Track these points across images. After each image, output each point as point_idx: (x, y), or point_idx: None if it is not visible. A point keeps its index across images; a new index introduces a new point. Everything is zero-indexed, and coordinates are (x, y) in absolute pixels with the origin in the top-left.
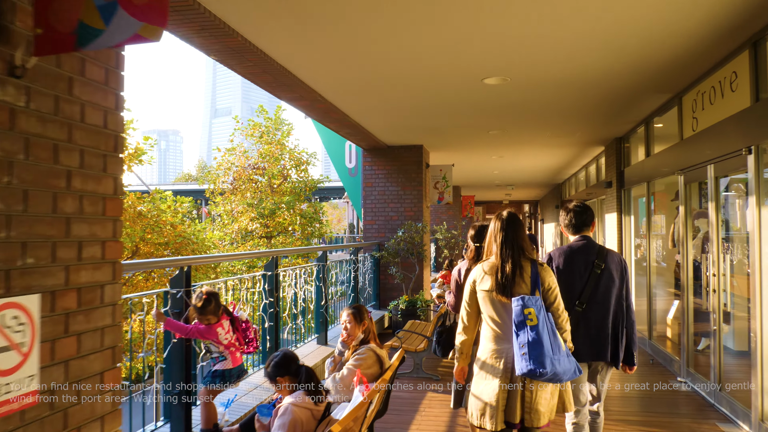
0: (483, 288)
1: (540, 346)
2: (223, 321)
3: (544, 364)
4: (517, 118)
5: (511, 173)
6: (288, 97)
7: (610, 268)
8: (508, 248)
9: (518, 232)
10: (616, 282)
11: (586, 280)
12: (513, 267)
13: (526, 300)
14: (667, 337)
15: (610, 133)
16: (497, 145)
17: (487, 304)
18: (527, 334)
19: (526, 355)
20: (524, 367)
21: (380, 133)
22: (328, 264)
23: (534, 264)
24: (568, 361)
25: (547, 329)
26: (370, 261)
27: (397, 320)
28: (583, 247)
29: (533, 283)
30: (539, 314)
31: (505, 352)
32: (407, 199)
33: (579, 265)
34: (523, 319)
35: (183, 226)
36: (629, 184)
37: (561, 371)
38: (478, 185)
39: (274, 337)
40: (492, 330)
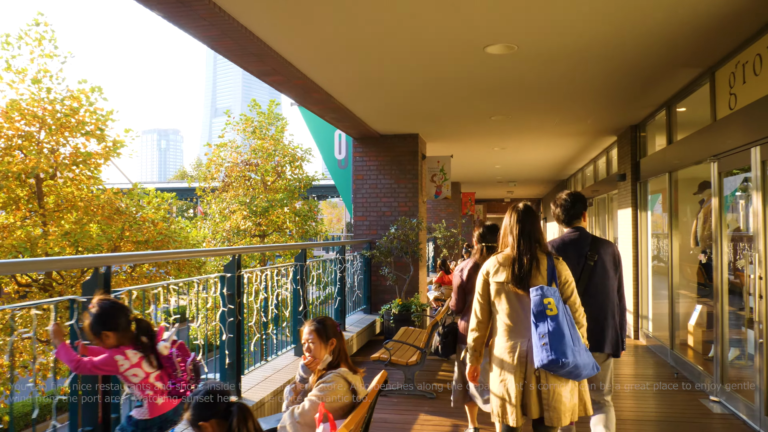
0: (497, 280)
1: (561, 336)
2: (128, 351)
3: (566, 353)
4: (522, 99)
5: (513, 168)
6: (258, 71)
7: (604, 259)
8: (525, 240)
9: (535, 225)
10: (609, 273)
11: (580, 273)
12: (530, 259)
13: (545, 290)
14: (688, 346)
15: (624, 120)
16: (499, 134)
17: (501, 297)
18: (547, 324)
19: (547, 345)
20: (545, 357)
21: (371, 119)
22: (308, 264)
23: (550, 257)
24: (587, 356)
25: (567, 320)
26: (360, 261)
27: (389, 326)
28: (576, 239)
29: (550, 276)
30: (558, 305)
31: (518, 346)
32: (401, 193)
33: (572, 257)
34: (542, 309)
35: (165, 224)
36: (646, 176)
37: (582, 364)
38: (479, 181)
39: (236, 352)
40: (504, 324)
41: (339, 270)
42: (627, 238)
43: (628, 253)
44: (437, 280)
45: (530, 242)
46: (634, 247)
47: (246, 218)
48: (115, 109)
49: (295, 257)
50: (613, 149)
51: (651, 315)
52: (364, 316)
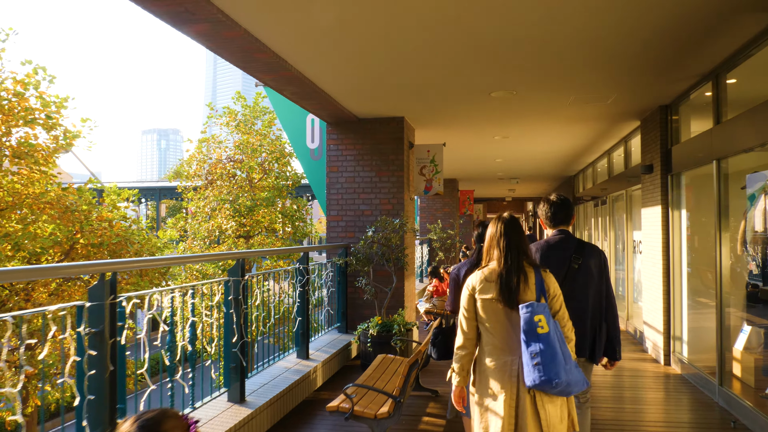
0: (485, 296)
1: (553, 355)
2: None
3: (559, 373)
4: (531, 67)
5: (516, 162)
6: (191, 29)
7: (588, 263)
8: (512, 254)
9: (521, 236)
10: (594, 277)
11: (564, 276)
12: (517, 273)
13: (536, 307)
14: (734, 376)
15: (653, 99)
16: (501, 118)
17: (488, 314)
18: (538, 342)
19: (539, 365)
20: (537, 378)
21: (343, 96)
22: (246, 279)
23: (538, 270)
24: (578, 372)
25: (557, 337)
26: (332, 269)
27: (366, 350)
28: (560, 242)
29: (539, 291)
30: (549, 321)
31: (508, 365)
32: (384, 189)
33: (556, 260)
34: (533, 327)
35: (125, 224)
36: (681, 166)
37: (573, 381)
38: (478, 178)
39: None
40: (492, 342)
41: (299, 284)
42: (654, 241)
43: (656, 260)
44: (430, 290)
45: (518, 255)
46: (665, 252)
47: (229, 218)
48: (70, 96)
49: (229, 271)
50: (633, 138)
51: (686, 335)
52: (338, 337)
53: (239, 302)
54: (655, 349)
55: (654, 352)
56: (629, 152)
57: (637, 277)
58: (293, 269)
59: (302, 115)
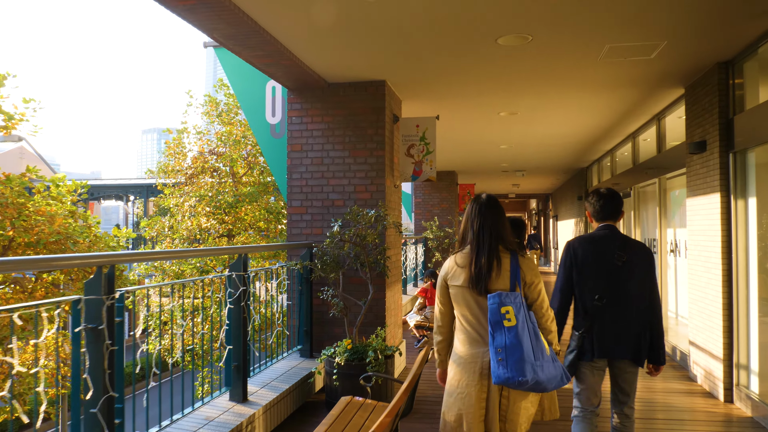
0: (455, 283)
1: (518, 350)
2: None
3: (524, 371)
4: None
5: (523, 149)
6: None
7: (633, 260)
8: (485, 236)
9: (498, 218)
10: (640, 275)
11: (606, 274)
12: (489, 258)
13: (504, 297)
14: None
15: (711, 52)
16: (509, 82)
17: (460, 302)
18: (504, 336)
19: (503, 361)
20: (501, 374)
21: (305, 50)
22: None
23: (514, 255)
24: (553, 367)
25: (528, 331)
26: (287, 277)
27: (331, 385)
28: (605, 237)
29: (513, 278)
30: (518, 314)
31: (480, 357)
32: (360, 173)
33: (600, 256)
34: (499, 319)
35: (69, 220)
36: (748, 142)
37: (545, 379)
38: (479, 170)
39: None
40: (466, 331)
41: (230, 298)
42: (708, 240)
43: (712, 264)
44: (421, 292)
45: (491, 239)
46: (725, 253)
47: (209, 215)
48: (10, 73)
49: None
50: (669, 114)
51: (757, 364)
52: (299, 363)
53: (104, 333)
54: (708, 380)
55: (707, 383)
56: (663, 133)
57: (675, 283)
58: (231, 278)
59: (261, 81)
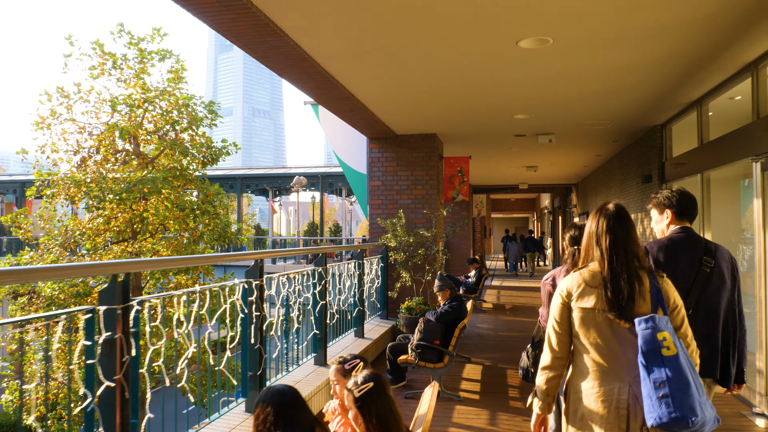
0: (584, 305)
1: (686, 385)
2: None
3: (695, 409)
4: None
5: (560, 88)
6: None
7: (721, 267)
8: (620, 255)
9: (630, 234)
10: (727, 283)
11: (693, 281)
12: (629, 279)
13: (658, 321)
14: None
15: None
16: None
17: (589, 328)
18: (664, 368)
19: (667, 397)
20: (664, 414)
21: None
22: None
23: (653, 275)
24: (709, 406)
25: (687, 362)
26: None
27: None
28: (686, 240)
29: (655, 301)
30: (676, 341)
31: (615, 394)
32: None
33: (684, 261)
34: (655, 347)
35: None
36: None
37: (708, 419)
38: (476, 134)
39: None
40: (595, 363)
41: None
42: None
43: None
44: None
45: (627, 257)
46: None
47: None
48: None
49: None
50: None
51: None
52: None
53: None
54: None
55: None
56: (760, 92)
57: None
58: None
59: None
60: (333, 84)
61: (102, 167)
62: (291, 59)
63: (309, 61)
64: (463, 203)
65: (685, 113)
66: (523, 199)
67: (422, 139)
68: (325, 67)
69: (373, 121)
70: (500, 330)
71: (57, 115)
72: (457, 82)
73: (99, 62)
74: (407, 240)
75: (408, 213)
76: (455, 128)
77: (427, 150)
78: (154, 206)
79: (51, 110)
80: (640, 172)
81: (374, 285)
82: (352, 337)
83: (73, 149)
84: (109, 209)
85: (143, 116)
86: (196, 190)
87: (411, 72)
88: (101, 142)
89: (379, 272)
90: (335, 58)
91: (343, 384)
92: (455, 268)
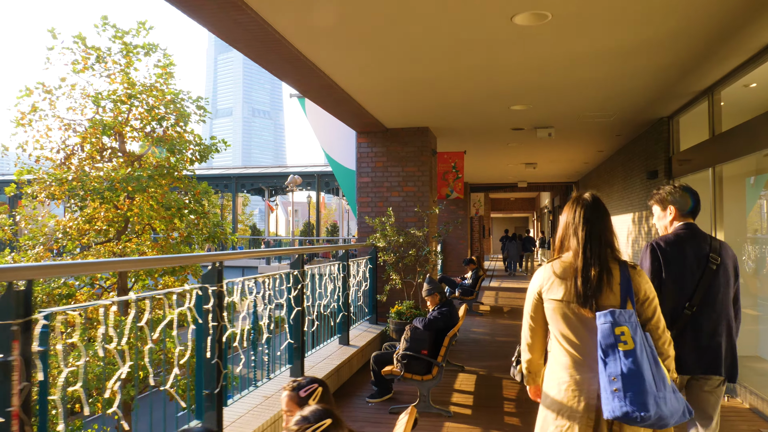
0: (553, 297)
1: (639, 380)
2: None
3: (646, 404)
4: None
5: (559, 76)
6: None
7: (726, 264)
8: (593, 245)
9: (606, 223)
10: (731, 280)
11: (700, 277)
12: (600, 270)
13: (617, 316)
14: None
15: None
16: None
17: (559, 320)
18: (620, 362)
19: (619, 391)
20: (617, 408)
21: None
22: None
23: (624, 266)
24: (675, 399)
25: (647, 356)
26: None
27: None
28: (691, 237)
29: (624, 292)
30: (635, 335)
31: (585, 385)
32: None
33: (691, 257)
34: (613, 342)
35: None
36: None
37: (667, 413)
38: (472, 127)
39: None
40: (566, 354)
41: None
42: None
43: None
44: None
45: (600, 247)
46: None
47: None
48: None
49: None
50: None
51: None
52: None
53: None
54: None
55: None
56: None
57: None
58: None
59: None
60: (314, 71)
61: (87, 165)
62: (261, 41)
63: (284, 44)
64: (460, 203)
65: (695, 103)
66: (522, 199)
67: (414, 133)
68: (302, 52)
69: (360, 114)
70: (497, 335)
71: (39, 111)
72: (447, 66)
73: (82, 56)
74: (397, 240)
75: (399, 211)
76: (449, 121)
77: (419, 144)
78: (138, 205)
79: (32, 106)
80: (645, 167)
81: (362, 288)
82: (336, 345)
83: (57, 146)
84: (91, 208)
85: (129, 112)
86: (183, 188)
87: (397, 56)
88: (85, 138)
89: (367, 274)
90: (313, 41)
91: None
92: (452, 269)
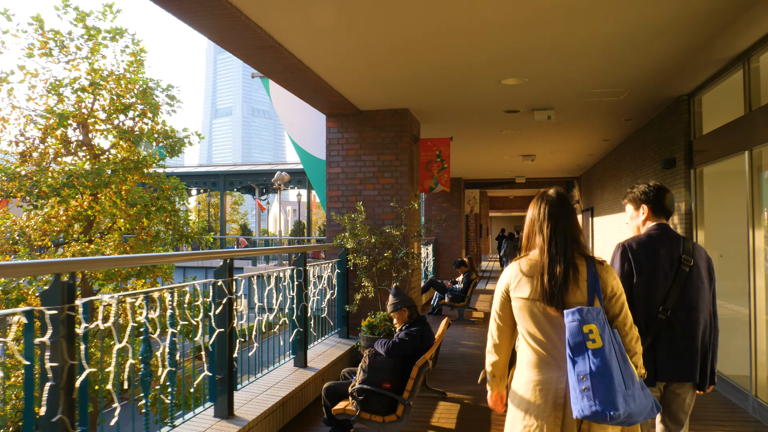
0: (520, 295)
1: (608, 379)
2: None
3: (616, 403)
4: None
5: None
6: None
7: (699, 266)
8: (559, 241)
9: (572, 219)
10: (705, 283)
11: (673, 280)
12: (565, 267)
13: (585, 313)
14: None
15: None
16: None
17: (527, 318)
18: (588, 360)
19: (588, 391)
20: (586, 407)
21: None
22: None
23: (591, 262)
24: (644, 396)
25: (615, 353)
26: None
27: None
28: (663, 237)
29: (591, 289)
30: (603, 333)
31: (553, 384)
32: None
33: (664, 258)
34: (581, 340)
35: None
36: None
37: (636, 411)
38: (459, 108)
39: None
40: (534, 352)
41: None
42: None
43: None
44: None
45: (566, 243)
46: None
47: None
48: None
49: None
50: None
51: None
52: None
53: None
54: None
55: None
56: None
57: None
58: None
59: None
60: (255, 32)
61: (50, 159)
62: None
63: None
64: (454, 200)
65: (725, 75)
66: (522, 197)
67: (391, 116)
68: (238, 6)
69: (324, 91)
70: None
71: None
72: (422, 25)
73: (39, 41)
74: (368, 240)
75: (374, 207)
76: (431, 101)
77: (397, 129)
78: (100, 202)
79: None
80: (660, 156)
81: (330, 296)
82: (290, 367)
83: (15, 139)
84: (49, 206)
85: (93, 102)
86: (152, 185)
87: (364, 13)
88: (47, 131)
89: (334, 280)
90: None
91: None
92: (445, 271)
